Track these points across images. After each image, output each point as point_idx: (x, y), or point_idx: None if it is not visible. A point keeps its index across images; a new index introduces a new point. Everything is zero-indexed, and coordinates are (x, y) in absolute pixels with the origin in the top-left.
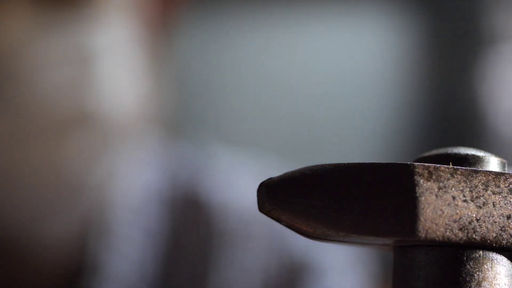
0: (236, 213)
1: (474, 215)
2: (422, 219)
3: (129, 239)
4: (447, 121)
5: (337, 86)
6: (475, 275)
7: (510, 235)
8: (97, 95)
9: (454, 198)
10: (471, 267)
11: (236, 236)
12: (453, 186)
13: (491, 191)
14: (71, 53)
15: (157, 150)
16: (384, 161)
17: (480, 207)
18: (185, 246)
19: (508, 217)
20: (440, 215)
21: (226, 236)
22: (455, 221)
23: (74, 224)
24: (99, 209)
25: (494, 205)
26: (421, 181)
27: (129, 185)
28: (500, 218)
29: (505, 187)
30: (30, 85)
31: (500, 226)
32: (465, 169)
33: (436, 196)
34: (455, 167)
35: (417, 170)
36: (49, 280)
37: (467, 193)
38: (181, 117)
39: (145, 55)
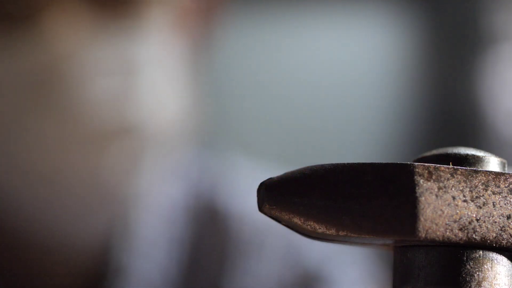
0: (253, 223)
1: (474, 215)
2: (422, 219)
3: (153, 243)
4: (447, 121)
5: (337, 86)
6: (475, 275)
7: (510, 235)
8: (140, 107)
9: (454, 198)
10: (471, 267)
11: (251, 245)
12: (453, 186)
13: (491, 191)
14: (117, 65)
15: (183, 159)
16: (384, 161)
17: (480, 207)
18: (204, 253)
19: (508, 217)
20: (440, 215)
21: (241, 245)
22: (455, 221)
23: (101, 227)
24: (125, 214)
25: (494, 205)
26: (421, 181)
27: (156, 192)
28: (500, 218)
29: (505, 187)
30: (77, 93)
31: (500, 226)
32: (465, 169)
33: (436, 196)
34: (455, 167)
35: (417, 170)
36: (74, 280)
37: (467, 193)
38: (210, 128)
39: (186, 69)
